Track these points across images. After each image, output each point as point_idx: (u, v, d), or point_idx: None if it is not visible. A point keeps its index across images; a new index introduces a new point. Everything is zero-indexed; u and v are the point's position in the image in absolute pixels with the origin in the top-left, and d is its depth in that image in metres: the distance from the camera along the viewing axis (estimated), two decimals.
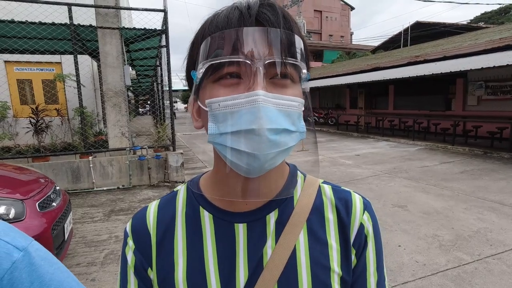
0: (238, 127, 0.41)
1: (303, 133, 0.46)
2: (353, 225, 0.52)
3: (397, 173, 6.59)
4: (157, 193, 5.41)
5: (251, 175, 0.44)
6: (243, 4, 0.45)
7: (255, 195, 0.48)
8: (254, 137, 0.40)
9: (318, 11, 39.82)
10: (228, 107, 0.41)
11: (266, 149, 0.41)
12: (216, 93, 0.43)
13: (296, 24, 0.46)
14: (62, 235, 2.59)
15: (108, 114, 5.78)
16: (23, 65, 8.74)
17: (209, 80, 0.44)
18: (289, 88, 0.44)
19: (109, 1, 5.61)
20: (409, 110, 13.58)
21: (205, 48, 0.43)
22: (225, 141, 0.42)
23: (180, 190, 0.58)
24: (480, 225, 3.83)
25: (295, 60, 0.43)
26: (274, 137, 0.41)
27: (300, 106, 0.45)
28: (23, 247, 0.38)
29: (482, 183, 5.63)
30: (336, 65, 22.75)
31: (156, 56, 9.47)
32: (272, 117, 0.40)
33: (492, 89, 10.55)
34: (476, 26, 24.25)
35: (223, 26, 0.43)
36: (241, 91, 0.41)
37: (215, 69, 0.43)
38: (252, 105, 0.40)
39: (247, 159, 0.42)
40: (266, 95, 0.40)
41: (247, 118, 0.40)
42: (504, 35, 9.49)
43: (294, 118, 0.44)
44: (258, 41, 0.41)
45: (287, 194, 0.52)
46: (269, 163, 0.43)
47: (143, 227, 0.54)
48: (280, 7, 0.46)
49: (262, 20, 0.43)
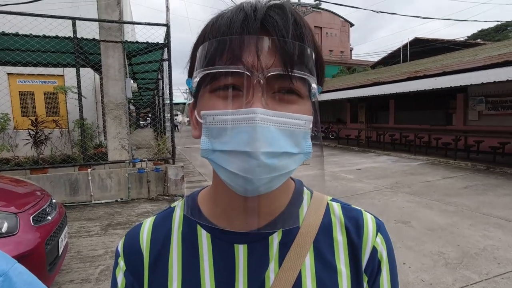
0: (232, 147, 0.36)
1: (308, 154, 0.41)
2: (365, 248, 0.47)
3: (399, 188, 6.50)
4: (155, 207, 5.32)
5: (247, 195, 0.39)
6: (249, 5, 0.40)
7: (253, 214, 0.44)
8: (249, 160, 0.35)
9: (318, 27, 40.56)
10: (223, 122, 0.37)
11: (261, 173, 0.36)
12: (212, 105, 0.39)
13: (310, 31, 0.41)
14: (56, 250, 2.51)
15: (109, 127, 5.77)
16: (25, 78, 8.82)
17: (206, 89, 0.40)
18: (295, 104, 0.39)
19: (113, 16, 5.70)
20: (410, 124, 13.58)
21: (202, 54, 0.39)
22: (218, 159, 0.38)
23: (177, 206, 0.53)
24: (487, 242, 3.73)
25: (302, 73, 0.38)
26: (271, 161, 0.36)
27: (306, 125, 0.40)
28: (3, 271, 0.35)
29: (486, 199, 5.54)
30: (336, 80, 22.97)
31: (158, 70, 9.56)
32: (271, 139, 0.36)
33: (492, 104, 10.57)
34: (474, 42, 24.62)
35: (225, 30, 0.39)
36: (239, 106, 0.37)
37: (211, 78, 0.38)
38: (249, 123, 0.35)
39: (241, 181, 0.37)
40: (266, 113, 0.36)
41: (242, 138, 0.36)
42: (502, 51, 9.60)
43: (299, 138, 0.39)
44: (260, 50, 0.36)
45: (290, 218, 0.47)
46: (265, 187, 0.38)
47: (135, 246, 0.50)
48: (292, 10, 0.40)
49: (268, 25, 0.38)
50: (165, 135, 7.81)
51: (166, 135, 7.36)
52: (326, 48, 41.37)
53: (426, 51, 22.88)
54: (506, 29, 37.10)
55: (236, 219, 0.46)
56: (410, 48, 24.87)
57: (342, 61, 38.21)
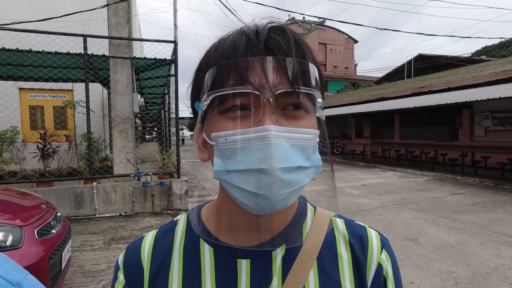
0: (247, 165, 0.37)
1: (318, 166, 0.42)
2: (370, 265, 0.47)
3: (406, 204, 6.40)
4: (159, 221, 5.30)
5: (260, 213, 0.40)
6: (251, 29, 0.42)
7: (266, 231, 0.44)
8: (265, 177, 0.36)
9: (322, 44, 41.24)
10: (235, 142, 0.38)
11: (278, 190, 0.37)
12: (223, 126, 0.40)
13: (310, 49, 0.43)
14: (59, 264, 2.49)
15: (115, 140, 5.83)
16: (36, 92, 9.03)
17: (215, 111, 0.41)
18: (302, 120, 0.40)
19: (123, 33, 5.87)
20: (416, 140, 13.50)
21: (210, 78, 0.40)
22: (232, 180, 0.39)
23: (180, 219, 0.54)
24: (498, 261, 3.61)
25: (308, 89, 0.40)
26: (287, 176, 0.37)
27: (315, 138, 0.41)
28: (17, 282, 0.36)
29: (496, 216, 5.41)
30: (341, 95, 23.09)
31: (165, 85, 9.73)
32: (285, 155, 0.37)
33: (499, 120, 10.50)
34: (478, 59, 24.71)
35: (229, 54, 0.40)
36: (250, 125, 0.38)
37: (221, 100, 0.40)
38: (262, 141, 0.36)
39: (257, 200, 0.38)
40: (278, 130, 0.37)
41: (257, 156, 0.36)
42: (507, 68, 9.61)
43: (309, 152, 0.40)
44: (267, 70, 0.38)
45: (294, 234, 0.47)
46: (281, 204, 0.39)
47: (136, 260, 0.50)
48: (292, 31, 0.42)
49: (271, 46, 0.40)
50: (170, 149, 7.86)
51: (171, 149, 7.40)
52: (331, 64, 41.85)
53: (430, 67, 22.98)
54: (510, 45, 37.25)
55: (240, 234, 0.46)
56: (414, 64, 25.01)
57: (347, 76, 38.53)
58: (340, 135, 19.10)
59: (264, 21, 0.43)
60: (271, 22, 0.43)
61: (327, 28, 39.86)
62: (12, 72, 6.76)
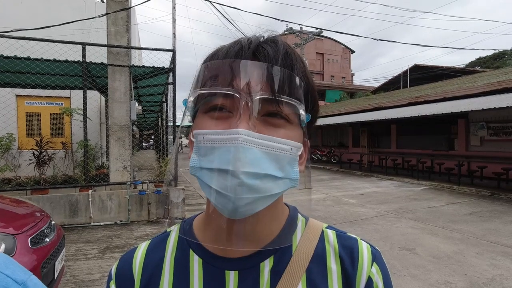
0: (216, 165, 0.38)
1: (295, 180, 0.42)
2: (359, 278, 0.46)
3: (403, 213, 6.39)
4: (155, 230, 5.24)
5: (231, 217, 0.40)
6: (246, 39, 0.44)
7: (238, 240, 0.43)
8: (230, 178, 0.37)
9: (320, 54, 41.68)
10: (210, 141, 0.39)
11: (241, 193, 0.37)
12: (203, 125, 0.41)
13: (302, 64, 0.44)
14: (52, 273, 2.45)
15: (112, 148, 5.81)
16: (33, 99, 9.02)
17: (200, 110, 0.43)
18: (282, 129, 0.41)
19: (122, 41, 5.91)
20: (412, 149, 13.57)
21: (197, 76, 0.42)
22: (203, 177, 0.40)
23: (173, 230, 0.54)
24: (495, 271, 3.60)
25: (289, 99, 0.40)
26: (252, 181, 0.37)
27: (294, 151, 0.41)
28: (22, 281, 0.38)
29: (493, 226, 5.42)
30: (338, 104, 23.24)
31: (163, 93, 9.75)
32: (253, 160, 0.37)
33: (494, 130, 10.60)
34: (473, 69, 25.09)
35: (221, 58, 0.42)
36: (229, 126, 0.39)
37: (205, 99, 0.41)
38: (232, 143, 0.37)
39: (222, 200, 0.38)
40: (250, 135, 0.37)
41: (225, 156, 0.37)
42: (501, 79, 9.76)
43: (283, 163, 0.40)
44: (250, 75, 0.39)
45: (279, 243, 0.46)
46: (246, 208, 0.38)
47: (128, 271, 0.50)
48: (286, 45, 0.43)
49: (259, 54, 0.41)
50: (167, 157, 7.82)
51: (168, 157, 7.37)
52: (328, 73, 42.26)
53: (425, 78, 23.26)
54: (504, 57, 37.91)
55: (224, 243, 0.45)
56: (410, 74, 25.33)
57: (344, 86, 38.88)
58: (337, 144, 19.16)
59: (265, 34, 0.45)
60: (270, 35, 0.45)
61: (324, 38, 40.39)
62: (10, 79, 6.76)
